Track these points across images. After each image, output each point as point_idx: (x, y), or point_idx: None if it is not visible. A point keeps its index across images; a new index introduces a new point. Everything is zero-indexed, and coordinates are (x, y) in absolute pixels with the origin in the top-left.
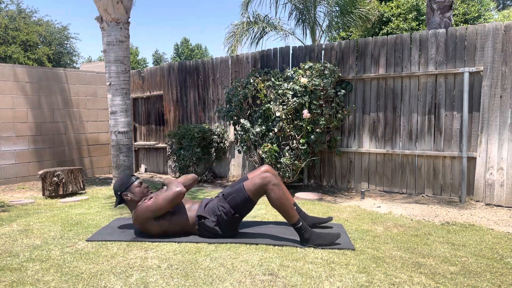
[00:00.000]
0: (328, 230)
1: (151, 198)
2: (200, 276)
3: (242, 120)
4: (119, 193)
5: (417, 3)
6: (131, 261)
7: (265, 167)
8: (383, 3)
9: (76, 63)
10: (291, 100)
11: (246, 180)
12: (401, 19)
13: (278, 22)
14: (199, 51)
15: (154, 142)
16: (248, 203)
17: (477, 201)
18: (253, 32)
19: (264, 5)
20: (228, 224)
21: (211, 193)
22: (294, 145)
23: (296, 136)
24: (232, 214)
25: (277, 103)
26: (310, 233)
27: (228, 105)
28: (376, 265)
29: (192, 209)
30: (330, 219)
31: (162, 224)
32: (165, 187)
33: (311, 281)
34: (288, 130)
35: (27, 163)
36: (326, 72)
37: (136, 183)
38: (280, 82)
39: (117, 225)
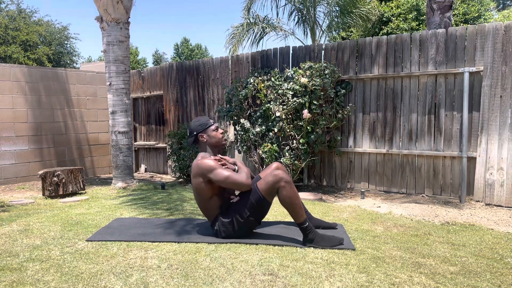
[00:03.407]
0: (332, 231)
1: (224, 165)
2: (200, 276)
3: (242, 120)
4: (195, 133)
5: (417, 3)
6: (131, 261)
7: (276, 164)
8: (383, 3)
9: (76, 63)
10: (291, 100)
11: (259, 180)
12: (401, 19)
13: (278, 22)
14: (199, 51)
15: (154, 142)
16: (263, 203)
17: (477, 201)
18: (253, 33)
19: (265, 8)
20: (242, 225)
21: None
22: (294, 145)
23: (296, 136)
24: (247, 216)
25: (277, 103)
26: (315, 234)
27: (228, 105)
28: (376, 265)
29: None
30: (335, 225)
31: (205, 187)
32: (236, 166)
33: (311, 281)
34: (288, 130)
35: (27, 163)
36: (326, 72)
37: (213, 126)
38: (280, 82)
39: (117, 225)
